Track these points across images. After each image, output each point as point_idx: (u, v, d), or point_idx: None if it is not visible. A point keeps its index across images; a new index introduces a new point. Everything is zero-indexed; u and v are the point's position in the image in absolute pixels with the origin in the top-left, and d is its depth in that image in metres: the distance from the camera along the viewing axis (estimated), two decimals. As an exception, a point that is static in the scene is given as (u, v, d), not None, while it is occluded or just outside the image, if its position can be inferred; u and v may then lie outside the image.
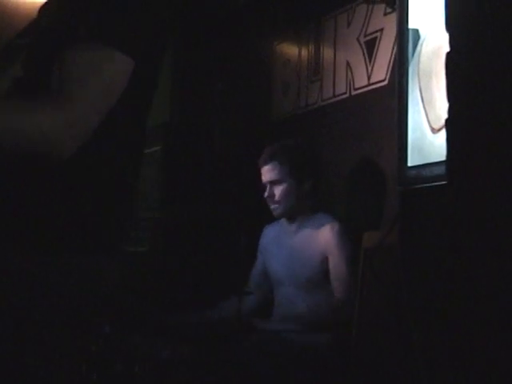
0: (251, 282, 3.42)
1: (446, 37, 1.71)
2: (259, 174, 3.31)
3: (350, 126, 3.57)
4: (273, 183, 3.19)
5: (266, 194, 3.21)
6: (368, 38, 3.52)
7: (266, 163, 3.21)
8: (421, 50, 2.15)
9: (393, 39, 3.32)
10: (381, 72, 3.40)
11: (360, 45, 3.56)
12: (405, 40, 2.18)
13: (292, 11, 4.08)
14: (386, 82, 3.36)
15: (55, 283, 1.55)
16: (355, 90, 3.58)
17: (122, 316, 3.14)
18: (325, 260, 3.09)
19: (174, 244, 4.04)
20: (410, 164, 2.19)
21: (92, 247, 1.61)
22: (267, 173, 3.20)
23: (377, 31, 3.46)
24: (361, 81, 3.54)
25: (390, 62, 3.34)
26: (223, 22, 4.55)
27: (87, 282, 1.61)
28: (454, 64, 1.48)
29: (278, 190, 3.18)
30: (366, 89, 3.50)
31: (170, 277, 3.91)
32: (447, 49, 1.62)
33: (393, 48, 3.32)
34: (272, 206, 3.22)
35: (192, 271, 3.90)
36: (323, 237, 3.11)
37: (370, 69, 3.48)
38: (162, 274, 3.93)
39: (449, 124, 1.46)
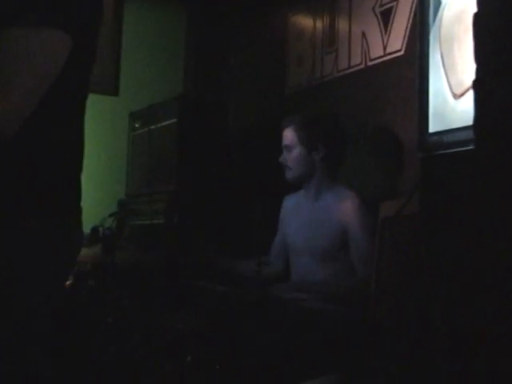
0: (271, 252, 3.48)
1: (469, 1, 1.70)
2: (275, 146, 3.35)
3: (366, 96, 3.57)
4: (287, 148, 3.26)
5: (280, 158, 3.27)
6: (384, 7, 3.50)
7: (284, 127, 3.29)
8: (442, 15, 2.13)
9: (409, 9, 3.31)
10: (397, 42, 3.39)
11: (375, 15, 3.55)
12: (426, 5, 2.17)
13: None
14: (402, 52, 3.35)
15: (26, 248, 1.58)
16: (371, 60, 3.57)
17: (139, 289, 3.17)
18: (344, 233, 3.09)
19: (190, 217, 4.05)
20: (431, 130, 2.19)
21: (56, 209, 1.63)
22: (284, 137, 3.29)
23: (393, 1, 3.44)
24: (376, 51, 3.53)
25: (406, 31, 3.32)
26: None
27: (58, 243, 1.64)
28: (481, 25, 1.47)
29: (289, 156, 3.25)
30: (381, 59, 3.49)
31: (186, 249, 3.92)
32: (470, 13, 1.61)
33: (409, 18, 3.31)
34: (286, 171, 3.28)
35: (207, 242, 3.92)
36: (344, 209, 3.11)
37: (385, 39, 3.47)
38: (179, 246, 3.95)
39: (476, 86, 1.45)
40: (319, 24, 4.00)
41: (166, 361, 2.66)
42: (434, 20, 2.15)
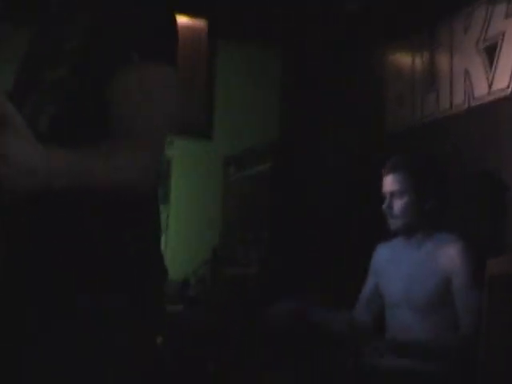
0: (359, 302, 3.24)
1: None
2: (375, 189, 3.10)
3: (470, 138, 3.34)
4: (393, 195, 2.97)
5: (384, 205, 2.98)
6: (488, 43, 3.27)
7: (388, 173, 2.99)
8: None
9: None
10: (503, 80, 3.15)
11: (479, 51, 3.32)
12: None
13: (404, 20, 3.86)
14: (509, 90, 3.11)
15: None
16: (474, 99, 3.34)
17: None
18: (447, 281, 2.85)
19: (286, 265, 3.91)
20: None
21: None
22: (389, 183, 2.98)
23: (497, 35, 3.21)
24: (481, 90, 3.29)
25: (513, 68, 3.10)
26: (332, 34, 4.38)
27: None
28: None
29: (397, 203, 2.96)
30: (486, 99, 3.26)
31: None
32: None
33: (516, 53, 3.09)
34: (390, 220, 3.00)
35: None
36: (446, 256, 2.87)
37: (490, 77, 3.23)
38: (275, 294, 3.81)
39: None
40: (418, 62, 3.79)
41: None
42: None
